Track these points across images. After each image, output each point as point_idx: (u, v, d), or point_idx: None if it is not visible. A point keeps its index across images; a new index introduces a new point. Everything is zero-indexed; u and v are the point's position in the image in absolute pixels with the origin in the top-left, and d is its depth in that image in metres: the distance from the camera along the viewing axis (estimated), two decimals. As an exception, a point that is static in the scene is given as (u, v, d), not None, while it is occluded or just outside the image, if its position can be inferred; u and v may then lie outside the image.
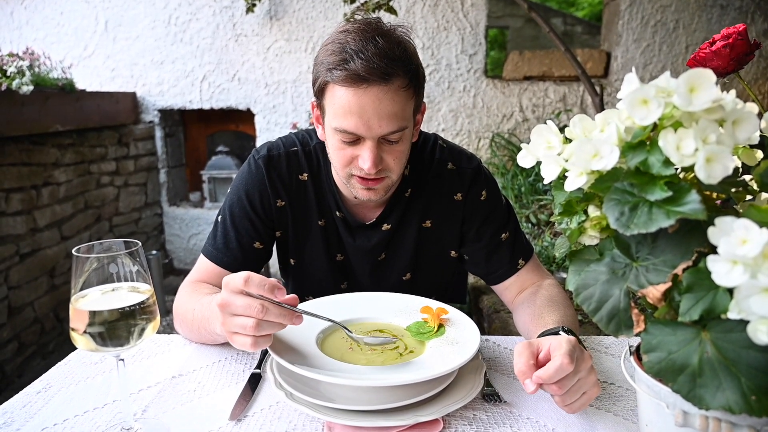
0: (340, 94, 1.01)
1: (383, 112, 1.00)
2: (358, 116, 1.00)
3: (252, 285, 0.79)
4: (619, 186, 0.56)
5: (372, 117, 1.00)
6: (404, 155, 1.10)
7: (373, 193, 1.11)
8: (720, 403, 0.50)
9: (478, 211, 1.25)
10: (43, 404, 0.87)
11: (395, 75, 1.00)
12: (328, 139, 1.11)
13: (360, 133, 1.02)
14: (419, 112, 1.16)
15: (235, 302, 0.79)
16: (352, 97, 1.00)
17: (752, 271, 0.46)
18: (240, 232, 1.21)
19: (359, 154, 1.05)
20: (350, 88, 0.99)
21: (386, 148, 1.06)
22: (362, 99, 0.99)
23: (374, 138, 1.03)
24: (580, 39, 10.61)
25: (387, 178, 1.10)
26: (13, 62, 3.17)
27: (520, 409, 0.86)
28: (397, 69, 1.00)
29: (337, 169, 1.13)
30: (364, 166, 1.04)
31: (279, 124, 4.44)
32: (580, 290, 0.61)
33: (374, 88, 0.99)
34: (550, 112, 4.18)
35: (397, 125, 1.03)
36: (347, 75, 0.98)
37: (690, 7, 3.94)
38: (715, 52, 0.75)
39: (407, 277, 1.32)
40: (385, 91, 0.99)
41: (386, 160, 1.07)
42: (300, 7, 4.24)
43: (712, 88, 0.52)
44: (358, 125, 1.01)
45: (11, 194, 3.11)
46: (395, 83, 1.01)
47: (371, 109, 1.00)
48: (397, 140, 1.06)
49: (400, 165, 1.11)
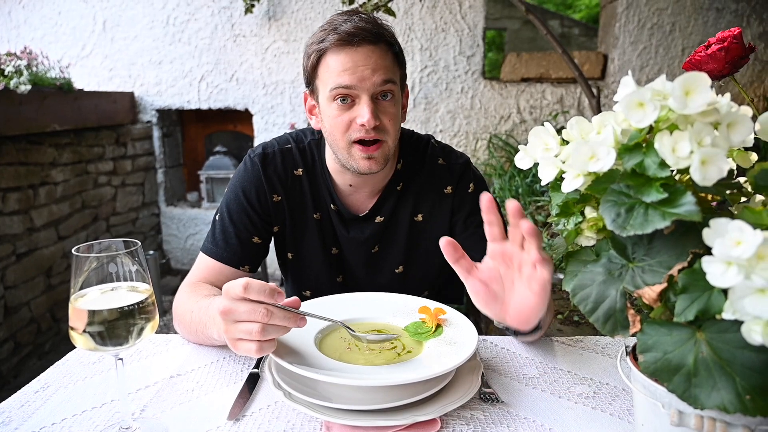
0: (333, 59, 1.11)
1: (375, 65, 1.11)
2: (351, 71, 1.10)
3: (252, 291, 0.79)
4: (616, 188, 0.57)
5: (365, 70, 1.10)
6: (397, 120, 1.17)
7: (373, 162, 1.15)
8: (715, 403, 0.51)
9: (465, 202, 1.30)
10: (41, 404, 0.87)
11: (382, 39, 1.13)
12: (325, 112, 1.17)
13: (355, 86, 1.10)
14: (404, 92, 1.24)
15: (238, 308, 0.80)
16: (344, 56, 1.10)
17: (746, 272, 0.46)
18: (238, 227, 1.23)
19: (357, 114, 1.12)
20: (342, 48, 1.10)
21: (381, 107, 1.14)
22: (354, 56, 1.10)
23: (368, 92, 1.11)
24: (578, 41, 10.65)
25: (384, 143, 1.15)
26: (10, 61, 3.17)
27: (517, 408, 0.86)
28: (383, 35, 1.13)
29: (337, 140, 1.16)
30: (363, 119, 1.10)
31: (277, 125, 4.44)
32: (576, 291, 0.62)
33: (364, 47, 1.10)
34: (547, 113, 4.19)
35: (388, 76, 1.12)
36: (338, 37, 1.09)
37: (686, 10, 3.96)
38: (710, 55, 0.75)
39: (400, 269, 1.35)
40: (373, 49, 1.11)
41: (382, 119, 1.13)
42: (298, 8, 4.24)
43: (707, 92, 0.53)
44: (352, 79, 1.10)
45: (8, 194, 3.10)
46: (382, 46, 1.13)
47: (363, 64, 1.10)
48: (390, 94, 1.14)
49: (395, 129, 1.16)
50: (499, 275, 0.83)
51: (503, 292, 0.84)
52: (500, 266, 0.83)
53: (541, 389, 0.92)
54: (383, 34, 1.13)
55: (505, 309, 0.85)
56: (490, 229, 0.81)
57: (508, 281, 0.83)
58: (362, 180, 1.25)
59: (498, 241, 0.82)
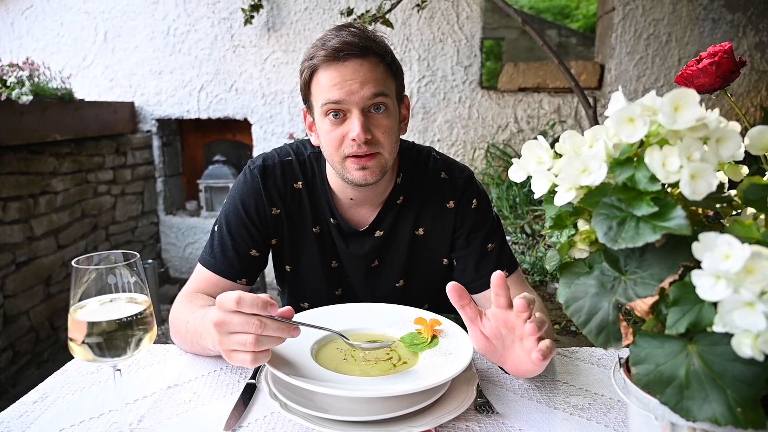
0: (323, 74, 1.11)
1: (363, 78, 1.10)
2: (339, 86, 1.09)
3: (244, 305, 0.79)
4: (607, 201, 0.57)
5: (353, 83, 1.09)
6: (392, 132, 1.15)
7: (368, 173, 1.14)
8: (707, 415, 0.51)
9: (468, 218, 1.29)
10: (39, 414, 0.88)
11: (370, 52, 1.11)
12: (319, 127, 1.17)
13: (344, 100, 1.10)
14: (402, 102, 1.23)
15: (231, 320, 0.80)
16: (333, 71, 1.10)
17: (735, 286, 0.47)
18: (236, 240, 1.23)
19: (348, 129, 1.11)
20: (331, 64, 1.10)
21: (373, 120, 1.12)
22: (343, 71, 1.09)
23: (358, 106, 1.10)
24: (575, 50, 10.71)
25: (379, 155, 1.14)
26: (13, 72, 3.19)
27: (512, 420, 0.86)
28: (371, 48, 1.11)
29: (331, 155, 1.16)
30: (353, 134, 1.09)
31: (276, 134, 4.46)
32: (570, 303, 0.63)
33: (351, 61, 1.09)
34: (544, 123, 4.21)
35: (377, 89, 1.11)
36: (326, 53, 1.09)
37: (682, 20, 3.99)
38: (701, 69, 0.76)
39: (400, 284, 1.35)
40: (361, 62, 1.10)
41: (375, 133, 1.12)
42: (297, 19, 4.27)
43: (696, 108, 0.54)
44: (341, 94, 1.09)
45: (8, 203, 3.11)
46: (371, 58, 1.11)
47: (351, 78, 1.09)
48: (382, 107, 1.13)
49: (390, 142, 1.15)
50: (500, 334, 0.90)
51: (503, 349, 0.91)
52: (502, 329, 0.90)
53: (537, 400, 0.93)
54: (371, 47, 1.11)
55: (503, 362, 0.93)
56: (496, 299, 0.88)
57: (508, 341, 0.91)
58: (362, 193, 1.23)
59: (502, 309, 0.88)
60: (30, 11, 4.52)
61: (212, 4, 4.32)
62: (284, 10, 4.27)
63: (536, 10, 12.37)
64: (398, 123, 1.19)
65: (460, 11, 4.14)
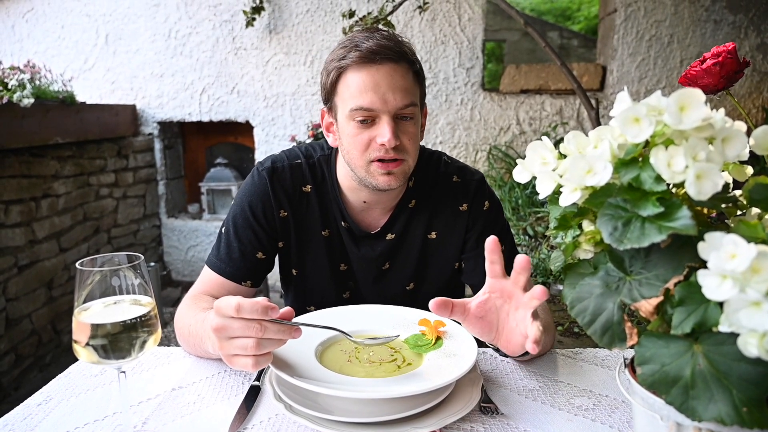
0: (354, 77, 1.09)
1: (396, 85, 1.08)
2: (373, 92, 1.07)
3: (244, 312, 0.79)
4: (613, 201, 0.57)
5: (387, 91, 1.08)
6: (416, 139, 1.16)
7: (393, 178, 1.14)
8: (712, 415, 0.51)
9: (480, 219, 1.30)
10: (43, 416, 0.88)
11: (403, 58, 1.10)
12: (343, 130, 1.15)
13: (376, 108, 1.08)
14: (423, 111, 1.22)
15: (231, 325, 0.80)
16: (366, 75, 1.08)
17: (741, 286, 0.47)
18: (243, 242, 1.23)
19: (377, 133, 1.10)
20: (364, 66, 1.08)
21: (401, 126, 1.12)
22: (376, 75, 1.08)
23: (390, 113, 1.09)
24: (577, 52, 10.71)
25: (404, 162, 1.14)
26: (14, 75, 3.20)
27: (517, 421, 0.86)
28: (405, 54, 1.11)
29: (355, 158, 1.14)
30: (383, 139, 1.09)
31: (278, 137, 4.47)
32: (574, 303, 0.62)
33: (386, 65, 1.08)
34: (546, 125, 4.21)
35: (409, 99, 1.10)
36: (360, 55, 1.07)
37: (684, 22, 3.99)
38: (705, 70, 0.76)
39: (411, 287, 1.35)
40: (395, 68, 1.09)
41: (402, 140, 1.12)
42: (299, 21, 4.28)
43: (702, 107, 0.54)
44: (374, 100, 1.08)
45: (10, 206, 3.11)
46: (403, 65, 1.10)
47: (385, 84, 1.08)
48: (410, 117, 1.12)
49: (414, 149, 1.15)
50: (495, 307, 0.90)
51: (498, 322, 0.91)
52: (497, 300, 0.90)
53: (541, 401, 0.92)
54: (405, 52, 1.11)
55: (497, 337, 0.93)
56: (491, 267, 0.89)
57: (503, 313, 0.91)
58: (377, 197, 1.23)
59: (498, 278, 0.89)
60: (31, 14, 4.53)
61: (213, 7, 4.33)
62: (286, 13, 4.28)
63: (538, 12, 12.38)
64: (419, 131, 1.19)
65: (461, 13, 4.14)
